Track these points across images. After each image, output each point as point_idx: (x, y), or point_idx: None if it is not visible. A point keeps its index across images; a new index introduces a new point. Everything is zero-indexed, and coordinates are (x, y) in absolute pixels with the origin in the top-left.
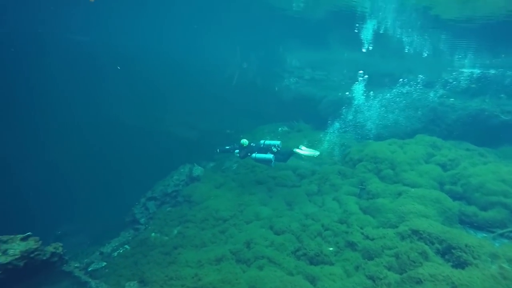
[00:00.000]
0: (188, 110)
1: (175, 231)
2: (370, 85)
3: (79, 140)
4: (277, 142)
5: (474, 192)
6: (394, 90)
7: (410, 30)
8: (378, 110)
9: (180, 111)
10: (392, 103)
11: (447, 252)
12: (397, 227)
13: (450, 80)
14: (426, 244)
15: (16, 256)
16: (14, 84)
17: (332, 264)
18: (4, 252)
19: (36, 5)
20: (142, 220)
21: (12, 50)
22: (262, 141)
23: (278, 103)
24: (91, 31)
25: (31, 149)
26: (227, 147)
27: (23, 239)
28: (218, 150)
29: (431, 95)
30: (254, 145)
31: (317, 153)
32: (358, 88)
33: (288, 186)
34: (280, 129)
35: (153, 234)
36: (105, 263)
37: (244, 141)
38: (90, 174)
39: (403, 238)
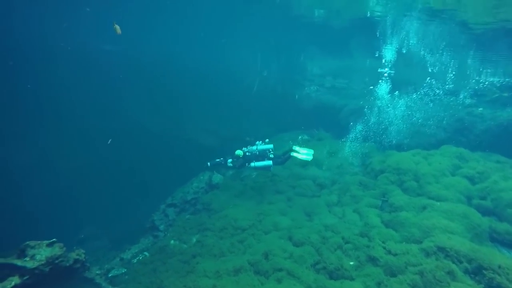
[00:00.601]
0: (209, 117)
1: (194, 239)
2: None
3: (102, 147)
4: (270, 146)
5: (506, 207)
6: (419, 94)
7: (435, 48)
8: (401, 119)
9: (200, 118)
10: (417, 111)
11: (477, 272)
12: (421, 242)
13: (479, 89)
14: (453, 262)
15: (42, 262)
16: (40, 91)
17: (352, 279)
18: (32, 257)
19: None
20: (161, 227)
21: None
22: (254, 147)
23: (298, 111)
24: (120, 41)
25: (56, 155)
26: (218, 160)
27: (48, 245)
28: (208, 164)
29: (458, 104)
30: (249, 154)
31: (311, 151)
32: (381, 91)
33: (308, 196)
34: (300, 137)
35: (172, 241)
36: (125, 269)
37: (239, 152)
38: (112, 180)
39: (428, 254)
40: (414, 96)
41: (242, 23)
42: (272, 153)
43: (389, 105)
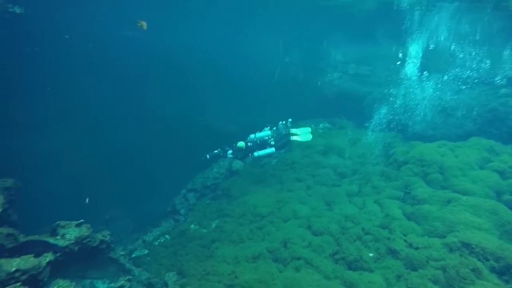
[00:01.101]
0: (229, 104)
1: (213, 225)
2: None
3: (126, 133)
4: (269, 133)
5: None
6: (449, 76)
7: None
8: (427, 107)
9: (221, 105)
10: (445, 100)
11: (505, 271)
12: (444, 237)
13: None
14: (479, 260)
15: (72, 241)
16: (65, 80)
17: (371, 271)
18: (63, 236)
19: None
20: (182, 211)
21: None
22: (252, 136)
23: (320, 99)
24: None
25: (83, 141)
26: (216, 152)
27: (77, 226)
28: (207, 156)
29: (491, 93)
30: (251, 144)
31: (308, 129)
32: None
33: (327, 185)
34: (321, 125)
35: (192, 226)
36: (147, 251)
37: (242, 143)
38: (136, 164)
39: (451, 250)
40: (445, 77)
41: (264, 9)
42: (272, 140)
43: (415, 88)
